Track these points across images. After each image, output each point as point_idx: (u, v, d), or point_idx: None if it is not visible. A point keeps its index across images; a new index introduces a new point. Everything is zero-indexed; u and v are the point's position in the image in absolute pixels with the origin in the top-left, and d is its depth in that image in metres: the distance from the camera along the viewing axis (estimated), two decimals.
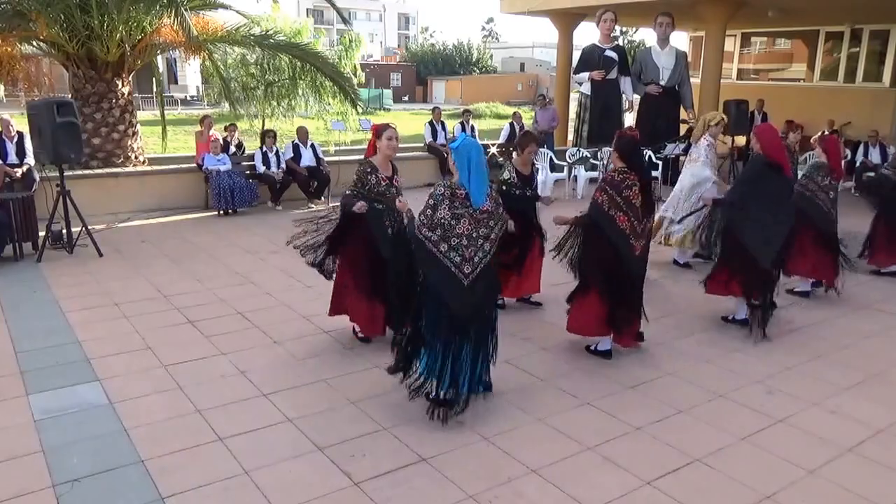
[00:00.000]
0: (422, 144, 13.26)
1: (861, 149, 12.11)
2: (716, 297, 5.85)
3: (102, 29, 9.57)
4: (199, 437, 3.80)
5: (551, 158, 12.01)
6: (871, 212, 7.32)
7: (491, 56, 64.22)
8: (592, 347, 5.06)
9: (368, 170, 4.78)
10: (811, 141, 7.93)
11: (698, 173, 7.12)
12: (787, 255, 5.67)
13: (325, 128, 15.07)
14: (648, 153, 10.97)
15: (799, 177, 6.54)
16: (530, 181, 5.67)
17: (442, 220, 3.84)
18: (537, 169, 5.93)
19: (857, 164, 11.79)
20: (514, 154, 5.73)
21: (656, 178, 10.29)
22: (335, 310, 5.19)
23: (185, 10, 9.49)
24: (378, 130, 4.85)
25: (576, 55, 10.71)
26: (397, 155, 5.04)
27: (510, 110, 24.71)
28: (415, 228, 3.92)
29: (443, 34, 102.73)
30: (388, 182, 4.82)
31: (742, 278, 5.48)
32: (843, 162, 6.91)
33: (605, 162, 11.18)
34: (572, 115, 12.26)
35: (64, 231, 7.55)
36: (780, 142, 5.68)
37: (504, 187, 5.42)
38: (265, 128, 12.43)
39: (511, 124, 13.21)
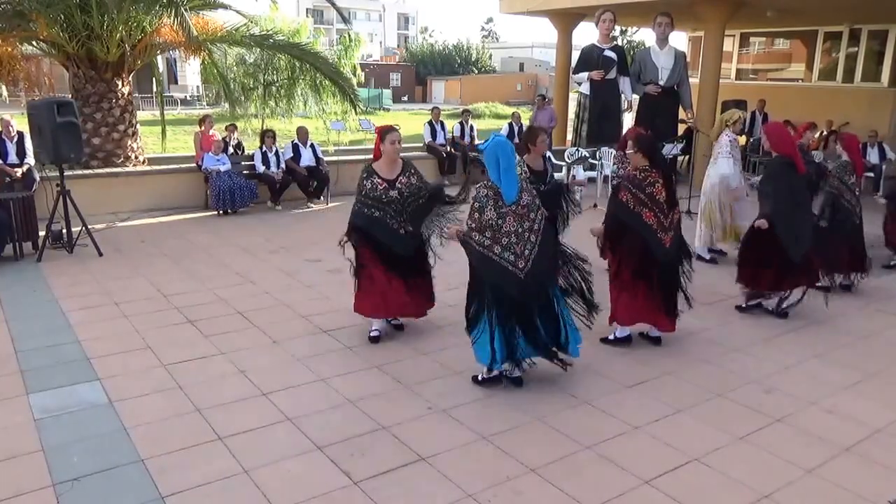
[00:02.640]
0: (421, 144, 13.26)
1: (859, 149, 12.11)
2: (716, 295, 5.89)
3: (102, 29, 9.58)
4: (198, 436, 3.80)
5: (550, 158, 12.01)
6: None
7: (490, 56, 64.18)
8: (611, 337, 5.15)
9: (365, 175, 4.89)
10: (810, 141, 7.98)
11: (720, 169, 7.19)
12: (821, 255, 5.89)
13: (324, 128, 15.08)
14: None
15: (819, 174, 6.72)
16: (544, 176, 5.53)
17: (490, 222, 4.07)
18: (552, 162, 5.85)
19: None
20: (528, 149, 5.59)
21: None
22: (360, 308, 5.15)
23: (185, 10, 9.49)
24: (382, 133, 4.89)
25: (575, 55, 10.72)
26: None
27: (509, 110, 24.71)
28: (468, 238, 4.14)
29: (442, 34, 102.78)
30: (389, 186, 4.86)
31: (772, 272, 5.65)
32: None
33: (604, 162, 11.21)
34: (571, 115, 12.27)
35: (64, 231, 7.56)
36: (789, 138, 5.82)
37: None
38: (264, 128, 12.43)
39: (510, 124, 13.22)
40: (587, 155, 11.23)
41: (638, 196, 4.82)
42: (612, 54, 9.08)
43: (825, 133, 12.49)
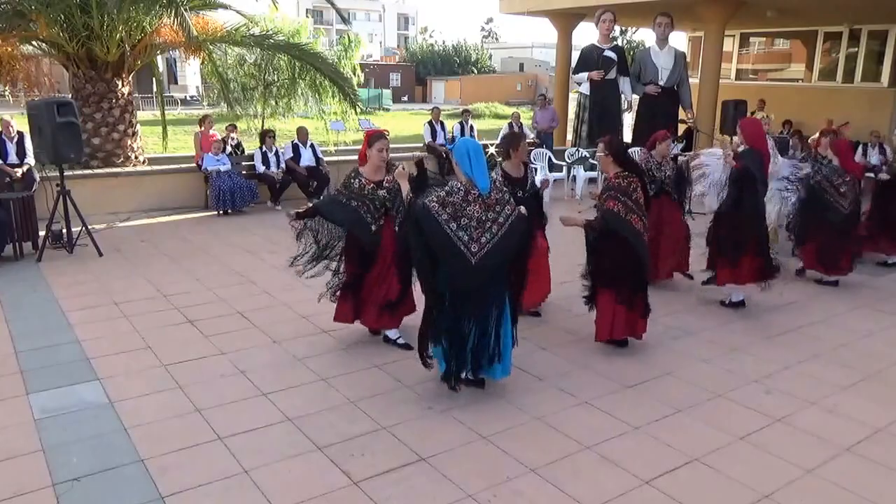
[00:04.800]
0: (421, 144, 13.27)
1: (860, 149, 12.09)
2: (714, 293, 5.89)
3: (102, 29, 9.58)
4: (198, 436, 3.80)
5: (550, 158, 12.03)
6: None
7: (490, 56, 64.20)
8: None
9: (353, 175, 4.94)
10: (808, 141, 8.02)
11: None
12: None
13: (324, 128, 15.09)
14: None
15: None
16: (523, 183, 5.40)
17: (454, 202, 4.10)
18: (533, 169, 5.86)
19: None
20: (510, 153, 5.41)
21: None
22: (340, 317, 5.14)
23: (185, 10, 9.51)
24: (370, 140, 4.90)
25: (575, 55, 10.71)
26: (396, 155, 5.10)
27: (509, 110, 24.72)
28: (424, 203, 4.10)
29: (442, 34, 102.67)
30: (376, 186, 4.88)
31: (749, 263, 5.80)
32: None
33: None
34: (571, 115, 12.27)
35: (64, 231, 7.56)
36: (762, 134, 5.98)
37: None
38: (264, 128, 12.43)
39: (510, 124, 13.22)
40: (587, 155, 11.22)
41: (627, 203, 4.81)
42: (612, 54, 9.06)
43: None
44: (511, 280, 4.31)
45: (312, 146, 10.81)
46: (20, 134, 8.84)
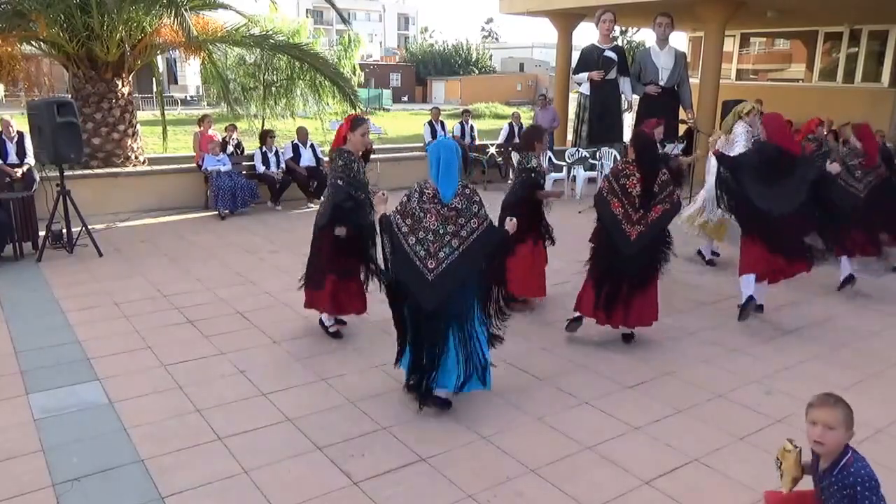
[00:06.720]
0: (421, 144, 13.26)
1: None
2: (716, 295, 5.87)
3: (102, 29, 9.58)
4: (198, 436, 3.80)
5: (550, 158, 12.02)
6: None
7: (490, 56, 64.19)
8: (569, 317, 5.30)
9: (353, 158, 4.89)
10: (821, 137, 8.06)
11: None
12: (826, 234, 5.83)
13: (323, 128, 15.09)
14: None
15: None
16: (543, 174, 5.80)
17: (413, 211, 3.97)
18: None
19: None
20: (534, 146, 5.65)
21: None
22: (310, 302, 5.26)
23: (185, 10, 9.51)
24: (353, 123, 4.89)
25: (575, 55, 10.72)
26: (396, 155, 5.12)
27: (509, 110, 24.71)
28: (387, 215, 4.04)
29: (442, 34, 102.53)
30: (364, 167, 5.00)
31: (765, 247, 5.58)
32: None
33: (604, 162, 11.23)
34: (571, 115, 12.27)
35: (64, 231, 7.56)
36: (787, 129, 5.96)
37: (533, 174, 5.57)
38: (264, 128, 12.43)
39: (510, 124, 13.21)
40: (587, 155, 11.25)
41: (612, 185, 4.95)
42: (613, 54, 9.07)
43: (826, 132, 12.46)
44: (484, 288, 4.09)
45: (312, 146, 10.81)
46: (20, 134, 8.84)
